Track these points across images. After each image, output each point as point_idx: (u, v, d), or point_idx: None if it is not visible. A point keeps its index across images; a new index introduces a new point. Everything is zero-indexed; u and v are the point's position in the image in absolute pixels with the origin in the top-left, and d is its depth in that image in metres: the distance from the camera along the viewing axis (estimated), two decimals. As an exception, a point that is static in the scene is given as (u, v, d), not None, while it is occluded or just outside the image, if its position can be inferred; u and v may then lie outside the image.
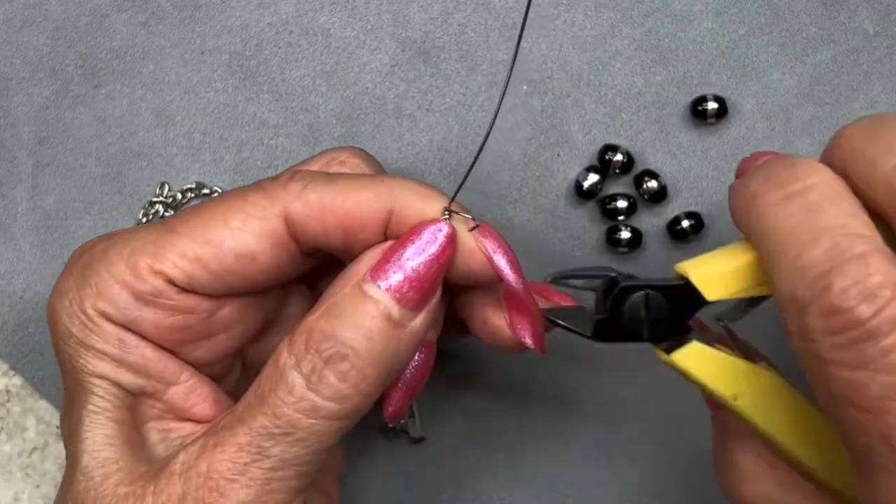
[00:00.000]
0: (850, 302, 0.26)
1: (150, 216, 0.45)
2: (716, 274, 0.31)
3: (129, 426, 0.34)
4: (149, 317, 0.33)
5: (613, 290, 0.32)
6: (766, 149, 0.44)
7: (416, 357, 0.34)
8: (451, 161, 0.45)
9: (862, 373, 0.26)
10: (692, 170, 0.45)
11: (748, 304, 0.32)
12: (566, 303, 0.36)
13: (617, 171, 0.44)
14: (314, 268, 0.36)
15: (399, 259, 0.32)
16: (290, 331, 0.32)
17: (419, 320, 0.32)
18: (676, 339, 0.32)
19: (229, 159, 0.45)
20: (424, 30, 0.45)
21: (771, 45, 0.45)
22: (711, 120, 0.44)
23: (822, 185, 0.29)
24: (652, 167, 0.45)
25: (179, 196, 0.45)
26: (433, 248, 0.32)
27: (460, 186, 0.33)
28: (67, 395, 0.34)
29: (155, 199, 0.45)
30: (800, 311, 0.27)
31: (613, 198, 0.44)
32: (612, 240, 0.44)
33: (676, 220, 0.44)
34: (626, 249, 0.44)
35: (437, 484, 0.44)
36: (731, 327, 0.33)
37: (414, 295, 0.32)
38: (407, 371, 0.34)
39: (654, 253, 0.44)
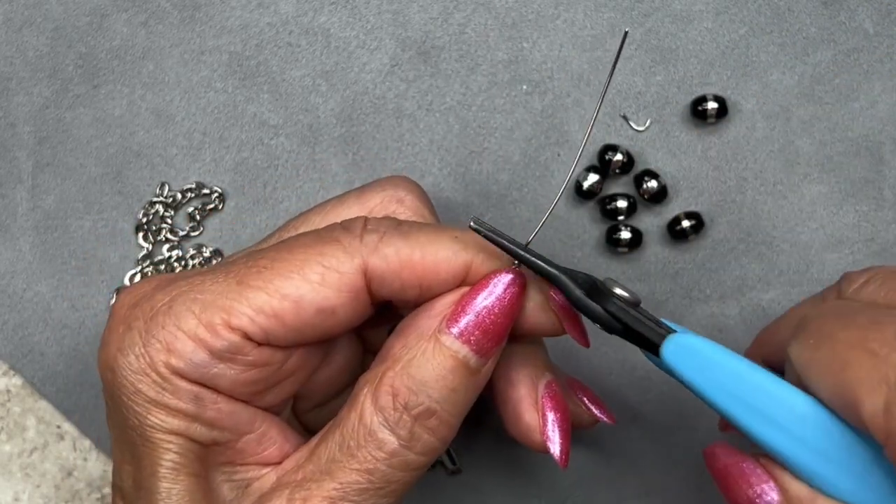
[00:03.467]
0: None
1: (150, 216, 0.45)
2: None
3: (203, 477, 0.33)
4: (226, 373, 0.32)
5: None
6: (765, 148, 0.45)
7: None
8: (452, 161, 0.45)
9: None
10: (692, 170, 0.45)
11: None
12: (598, 407, 0.38)
13: (617, 171, 0.44)
14: None
15: (473, 309, 0.33)
16: (369, 384, 0.33)
17: (489, 364, 0.33)
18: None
19: (229, 159, 0.45)
20: (424, 30, 0.45)
21: (771, 45, 0.45)
22: (711, 120, 0.44)
23: None
24: (652, 167, 0.45)
25: (179, 196, 0.45)
26: (506, 297, 0.33)
27: (533, 236, 0.34)
28: (130, 448, 0.33)
29: (155, 199, 0.45)
30: None
31: (613, 198, 0.44)
32: (612, 240, 0.44)
33: (676, 220, 0.44)
34: (626, 249, 0.44)
35: (439, 484, 0.44)
36: None
37: (488, 343, 0.33)
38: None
39: (654, 253, 0.44)
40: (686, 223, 0.44)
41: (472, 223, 0.32)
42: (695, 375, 0.31)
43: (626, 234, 0.44)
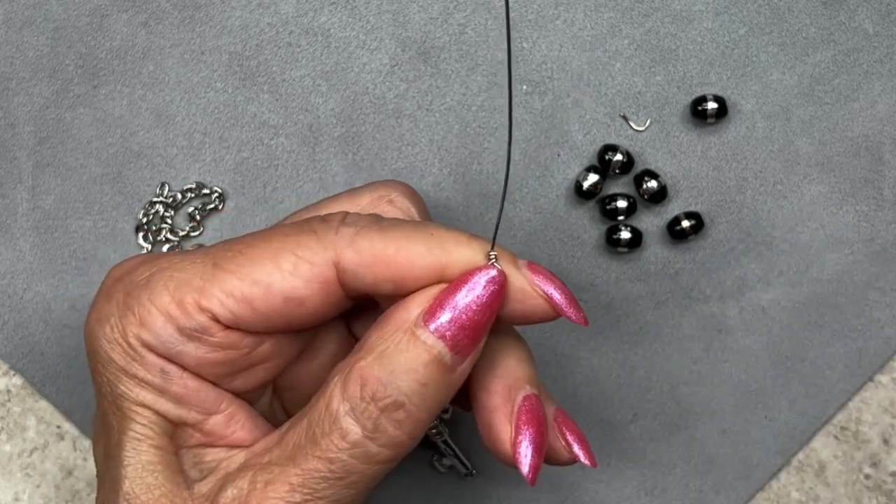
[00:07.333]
0: None
1: (150, 216, 0.45)
2: None
3: (169, 452, 0.33)
4: (192, 351, 0.33)
5: None
6: (765, 148, 0.45)
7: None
8: (452, 161, 0.45)
9: None
10: (692, 170, 0.45)
11: None
12: (580, 445, 0.36)
13: (617, 171, 0.44)
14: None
15: (451, 305, 0.32)
16: (340, 373, 0.32)
17: (467, 363, 0.33)
18: None
19: (229, 159, 0.45)
20: (424, 30, 0.45)
21: (771, 45, 0.45)
22: (711, 120, 0.44)
23: None
24: (652, 167, 0.45)
25: (179, 196, 0.45)
26: (485, 294, 0.32)
27: (496, 230, 0.34)
28: (103, 417, 0.34)
29: (155, 199, 0.45)
30: None
31: (613, 198, 0.44)
32: (612, 240, 0.44)
33: (676, 220, 0.44)
34: (626, 249, 0.44)
35: (438, 485, 0.44)
36: None
37: (466, 340, 0.32)
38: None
39: (654, 253, 0.44)
40: (686, 223, 0.44)
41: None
42: None
43: (626, 234, 0.44)
